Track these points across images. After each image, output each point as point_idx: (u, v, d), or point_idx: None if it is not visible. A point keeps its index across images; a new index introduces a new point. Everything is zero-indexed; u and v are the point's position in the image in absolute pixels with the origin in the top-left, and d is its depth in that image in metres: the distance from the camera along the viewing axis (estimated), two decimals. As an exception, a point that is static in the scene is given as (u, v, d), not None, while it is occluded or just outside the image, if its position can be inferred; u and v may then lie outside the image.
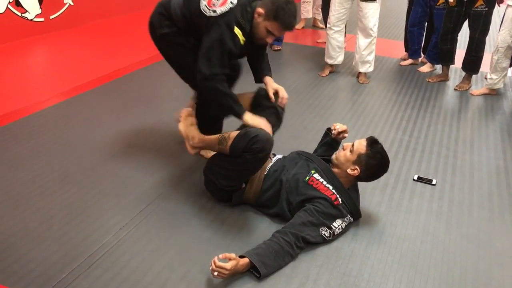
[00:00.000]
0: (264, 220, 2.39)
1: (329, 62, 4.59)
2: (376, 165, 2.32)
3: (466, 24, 4.37)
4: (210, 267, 1.92)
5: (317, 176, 2.31)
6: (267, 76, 2.72)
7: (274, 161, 2.48)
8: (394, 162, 3.02)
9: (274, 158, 2.51)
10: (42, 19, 5.02)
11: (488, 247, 2.33)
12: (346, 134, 2.58)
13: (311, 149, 2.71)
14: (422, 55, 5.06)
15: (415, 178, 2.88)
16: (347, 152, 2.33)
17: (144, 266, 2.05)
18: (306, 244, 2.17)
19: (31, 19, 4.91)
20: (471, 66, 4.42)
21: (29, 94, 3.68)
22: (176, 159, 2.90)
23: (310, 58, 5.05)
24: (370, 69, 4.50)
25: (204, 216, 2.40)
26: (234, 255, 1.96)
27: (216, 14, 2.35)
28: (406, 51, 5.18)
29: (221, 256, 1.94)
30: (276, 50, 5.25)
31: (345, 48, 4.64)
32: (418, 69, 4.92)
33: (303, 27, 6.30)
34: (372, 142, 2.32)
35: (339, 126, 2.56)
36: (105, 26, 5.46)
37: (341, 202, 2.27)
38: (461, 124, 3.71)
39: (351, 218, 2.33)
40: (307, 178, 2.31)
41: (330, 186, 2.28)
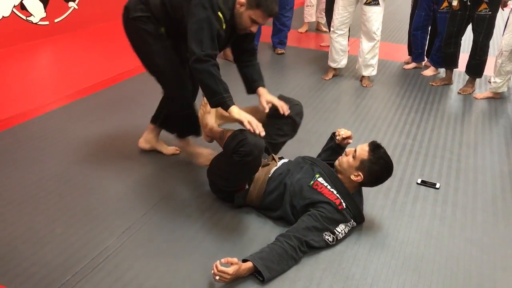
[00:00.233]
0: (267, 223, 2.39)
1: (332, 65, 4.59)
2: (379, 170, 2.30)
3: (470, 27, 4.37)
4: (212, 271, 1.92)
5: (321, 180, 2.31)
6: (261, 87, 2.62)
7: (279, 164, 2.47)
8: (397, 165, 3.02)
9: (280, 161, 2.50)
10: (46, 23, 5.05)
11: (492, 251, 2.32)
12: (350, 140, 2.55)
13: (315, 152, 2.70)
14: (426, 59, 5.05)
15: (419, 181, 2.87)
16: (350, 158, 2.32)
17: (147, 269, 2.05)
18: (309, 248, 2.17)
19: (36, 23, 4.94)
20: (475, 69, 4.41)
21: (33, 97, 3.70)
22: (179, 161, 2.91)
23: (313, 62, 5.06)
24: (374, 72, 4.50)
25: (207, 218, 2.40)
26: (236, 260, 1.95)
27: None
28: (409, 55, 5.18)
29: (223, 260, 1.94)
30: (279, 53, 5.26)
31: (348, 51, 4.64)
32: (421, 72, 4.91)
33: (307, 31, 6.31)
34: (374, 147, 2.30)
35: (344, 132, 2.53)
36: (109, 30, 5.48)
37: (345, 206, 2.26)
38: (464, 127, 3.70)
39: (354, 223, 2.32)
40: (312, 182, 2.30)
41: (334, 191, 2.28)
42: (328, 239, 2.20)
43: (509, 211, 2.66)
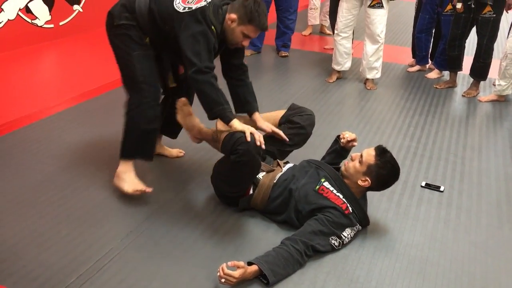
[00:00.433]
0: (271, 226, 2.39)
1: (336, 68, 4.59)
2: (386, 175, 2.30)
3: (474, 30, 4.36)
4: (218, 274, 1.92)
5: (327, 184, 2.30)
6: (256, 112, 2.59)
7: (284, 170, 2.46)
8: (401, 168, 2.98)
9: (285, 167, 2.49)
10: (51, 26, 5.07)
11: (496, 255, 2.31)
12: (355, 143, 2.54)
13: (319, 155, 2.70)
14: (430, 62, 5.05)
15: (423, 184, 2.87)
16: (356, 163, 2.30)
17: (151, 271, 2.05)
18: (315, 253, 2.17)
19: (41, 26, 4.96)
20: (479, 72, 4.40)
21: (38, 99, 3.72)
22: (182, 165, 2.91)
23: (317, 64, 5.06)
24: (378, 75, 4.50)
25: (211, 221, 2.41)
26: (242, 263, 1.95)
27: (191, 10, 2.27)
28: (413, 58, 5.17)
29: (230, 263, 1.93)
30: (283, 56, 5.27)
31: (352, 54, 4.64)
32: (425, 75, 4.90)
33: (310, 34, 6.31)
34: (381, 152, 2.29)
35: (348, 135, 2.51)
36: (113, 33, 5.50)
37: (351, 211, 2.25)
38: (469, 130, 3.69)
39: (360, 226, 2.32)
40: (317, 187, 2.29)
41: (341, 195, 2.27)
42: (334, 244, 2.20)
43: (513, 214, 2.65)
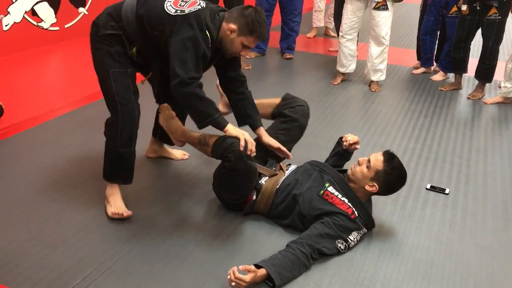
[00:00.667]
0: (275, 229, 2.38)
1: (341, 70, 4.59)
2: (394, 181, 2.29)
3: (479, 32, 4.35)
4: (228, 277, 1.91)
5: (331, 189, 2.29)
6: (261, 127, 2.54)
7: (287, 173, 2.45)
8: (406, 171, 2.99)
9: (288, 170, 2.48)
10: (57, 28, 5.10)
11: (503, 257, 2.30)
12: (357, 145, 2.53)
13: (323, 157, 2.70)
14: (435, 64, 5.04)
15: (428, 187, 2.86)
16: (364, 168, 2.29)
17: (155, 273, 2.05)
18: (321, 256, 2.16)
19: (47, 28, 4.99)
20: (485, 74, 4.39)
21: (43, 102, 3.73)
22: (186, 168, 2.91)
23: (322, 67, 5.06)
24: (382, 77, 4.49)
25: (215, 224, 2.41)
26: (253, 267, 1.94)
27: (184, 14, 2.17)
28: (418, 60, 5.16)
29: (241, 267, 1.93)
30: (287, 58, 5.27)
31: (357, 56, 4.64)
32: (430, 77, 4.89)
33: (315, 36, 6.31)
34: (389, 158, 2.28)
35: (351, 138, 2.50)
36: (118, 35, 5.52)
37: (357, 215, 2.25)
38: (474, 132, 3.68)
39: (366, 230, 2.31)
40: (322, 192, 2.29)
41: (346, 199, 2.26)
42: (340, 247, 2.19)
43: (519, 217, 2.64)
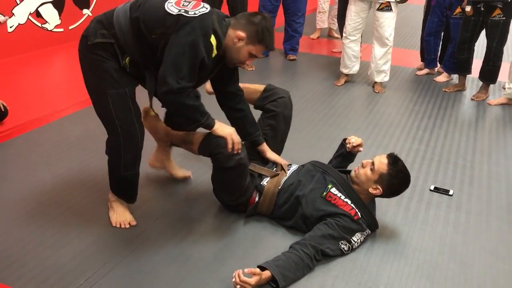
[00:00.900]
0: (279, 230, 2.38)
1: (344, 71, 4.59)
2: (398, 184, 2.30)
3: (483, 33, 4.34)
4: (233, 279, 1.91)
5: (334, 190, 2.28)
6: (263, 144, 2.54)
7: (289, 174, 2.45)
8: (410, 172, 2.95)
9: (289, 170, 2.48)
10: (61, 30, 5.11)
11: (507, 259, 2.29)
12: (361, 147, 2.53)
13: (326, 158, 2.69)
14: (439, 65, 5.03)
15: (432, 188, 2.85)
16: (368, 170, 2.29)
17: (158, 273, 2.05)
18: (324, 257, 2.16)
19: (51, 30, 5.01)
20: (489, 75, 4.37)
21: (48, 103, 3.75)
22: (191, 166, 2.92)
23: (325, 68, 5.06)
24: (386, 78, 4.48)
25: (217, 224, 2.41)
26: (259, 270, 1.94)
27: (188, 15, 2.03)
28: (422, 61, 5.15)
29: (246, 270, 1.92)
30: (291, 59, 5.27)
31: (360, 57, 4.63)
32: (434, 78, 4.88)
33: (319, 37, 6.31)
34: (394, 161, 2.28)
35: (354, 140, 2.50)
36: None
37: (360, 216, 2.25)
38: (478, 134, 3.67)
39: (369, 231, 2.31)
40: (324, 193, 2.28)
41: (349, 201, 2.26)
42: (343, 248, 2.19)
43: (524, 219, 2.62)
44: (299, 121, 3.70)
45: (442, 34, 4.86)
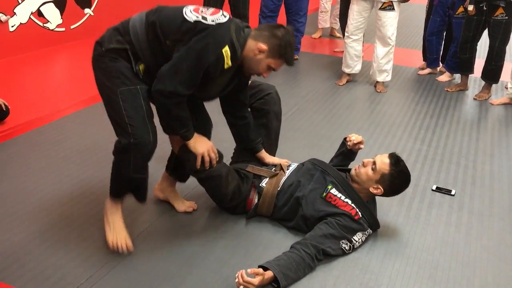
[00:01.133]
0: (280, 230, 2.38)
1: (346, 71, 4.58)
2: (399, 184, 2.30)
3: (486, 33, 4.33)
4: (236, 280, 1.90)
5: (334, 191, 2.28)
6: (262, 150, 2.52)
7: (288, 174, 2.44)
8: (412, 172, 2.96)
9: (288, 170, 2.46)
10: (63, 29, 5.12)
11: (509, 260, 2.28)
12: (362, 145, 2.52)
13: (328, 158, 2.68)
14: (441, 64, 5.02)
15: (434, 188, 2.84)
16: (369, 170, 2.28)
17: (160, 273, 2.05)
18: (325, 256, 2.15)
19: (53, 29, 5.01)
20: (491, 75, 4.36)
21: (50, 102, 3.75)
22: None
23: (327, 67, 5.05)
24: (388, 78, 4.47)
25: (219, 224, 2.40)
26: (261, 270, 1.94)
27: (205, 22, 2.00)
28: (424, 60, 5.14)
29: (249, 271, 1.91)
30: (293, 59, 5.26)
31: (362, 57, 4.62)
32: (436, 78, 4.87)
33: (320, 37, 6.31)
34: (395, 161, 2.27)
35: (355, 137, 2.49)
36: (124, 36, 5.54)
37: (361, 216, 2.24)
38: (480, 134, 3.66)
39: (371, 231, 2.30)
40: (324, 194, 2.28)
41: (349, 201, 2.25)
42: (345, 248, 2.18)
43: (526, 219, 2.61)
44: (301, 120, 3.70)
45: (445, 34, 4.85)
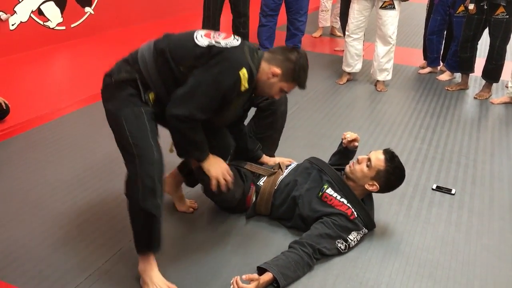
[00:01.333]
0: (279, 229, 2.38)
1: (347, 70, 4.57)
2: (395, 179, 2.29)
3: (486, 32, 4.32)
4: (231, 286, 1.89)
5: (330, 191, 2.28)
6: (263, 155, 2.54)
7: (286, 172, 2.44)
8: (412, 171, 2.99)
9: (287, 169, 2.46)
10: (63, 28, 5.11)
11: (509, 259, 2.28)
12: (356, 142, 2.49)
13: (328, 157, 2.68)
14: (441, 63, 5.01)
15: (434, 187, 2.84)
16: (364, 166, 2.28)
17: (160, 271, 2.05)
18: (322, 256, 2.15)
19: (53, 28, 5.01)
20: (492, 74, 4.36)
21: (50, 100, 3.75)
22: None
23: (327, 66, 5.05)
24: (388, 77, 4.47)
25: (217, 224, 2.40)
26: (256, 276, 1.93)
27: (219, 45, 1.97)
28: (425, 59, 5.14)
29: (244, 277, 1.91)
30: (293, 58, 5.25)
31: (363, 56, 4.62)
32: (437, 77, 4.87)
33: (321, 35, 6.30)
34: (391, 157, 2.27)
35: (349, 135, 2.47)
36: (125, 35, 5.53)
37: (356, 215, 2.24)
38: (481, 133, 3.65)
39: (366, 230, 2.30)
40: (320, 193, 2.28)
41: (345, 200, 2.25)
42: (340, 247, 2.19)
43: (526, 218, 2.61)
44: (301, 119, 3.70)
45: (445, 33, 4.84)
